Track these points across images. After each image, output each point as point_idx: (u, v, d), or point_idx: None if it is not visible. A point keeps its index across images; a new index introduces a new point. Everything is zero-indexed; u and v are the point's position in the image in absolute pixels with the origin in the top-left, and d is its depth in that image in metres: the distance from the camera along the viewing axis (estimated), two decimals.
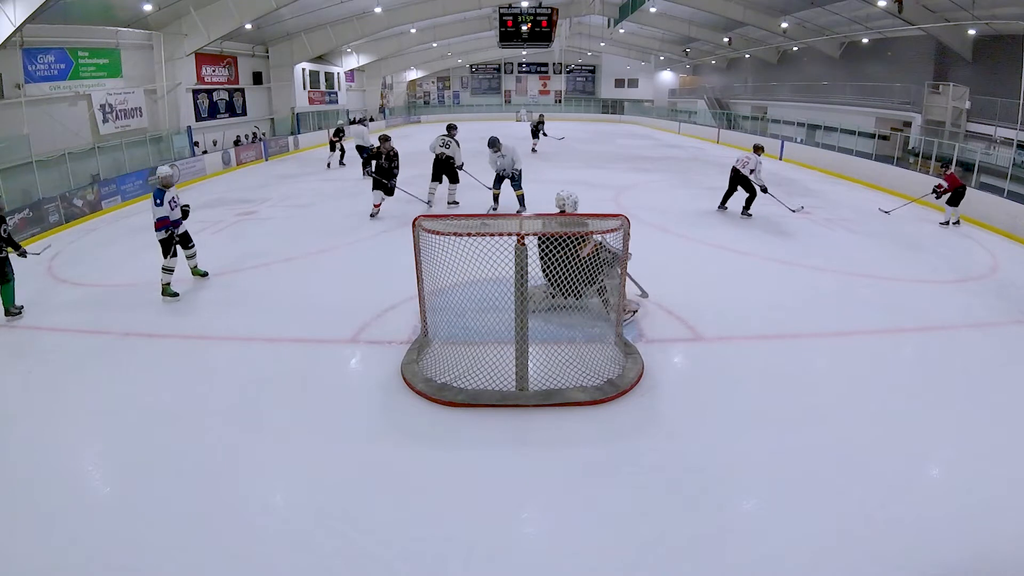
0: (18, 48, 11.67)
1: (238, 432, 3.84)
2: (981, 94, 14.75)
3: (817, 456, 3.56)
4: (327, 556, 2.81)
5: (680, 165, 16.68)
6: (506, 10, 18.67)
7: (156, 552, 2.83)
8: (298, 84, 22.51)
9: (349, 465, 3.50)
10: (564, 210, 5.63)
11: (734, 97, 28.31)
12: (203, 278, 6.73)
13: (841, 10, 17.72)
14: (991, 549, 2.87)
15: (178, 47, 15.78)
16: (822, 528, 2.98)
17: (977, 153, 12.03)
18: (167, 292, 6.16)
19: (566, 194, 5.69)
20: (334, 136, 16.54)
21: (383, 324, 5.40)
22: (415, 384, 4.24)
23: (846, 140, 16.24)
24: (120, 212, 11.08)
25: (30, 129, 11.56)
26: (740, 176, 9.44)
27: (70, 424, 3.94)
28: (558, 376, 4.24)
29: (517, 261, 3.89)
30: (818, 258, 7.59)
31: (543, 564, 2.80)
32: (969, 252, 8.25)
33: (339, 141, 16.41)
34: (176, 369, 4.72)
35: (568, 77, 40.04)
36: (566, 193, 5.69)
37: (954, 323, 5.63)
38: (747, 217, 9.56)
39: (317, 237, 8.49)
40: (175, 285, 6.17)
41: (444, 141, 9.87)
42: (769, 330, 5.36)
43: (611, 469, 3.46)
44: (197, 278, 6.69)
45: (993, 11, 13.38)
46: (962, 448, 3.71)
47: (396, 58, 31.35)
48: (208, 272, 6.81)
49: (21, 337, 5.39)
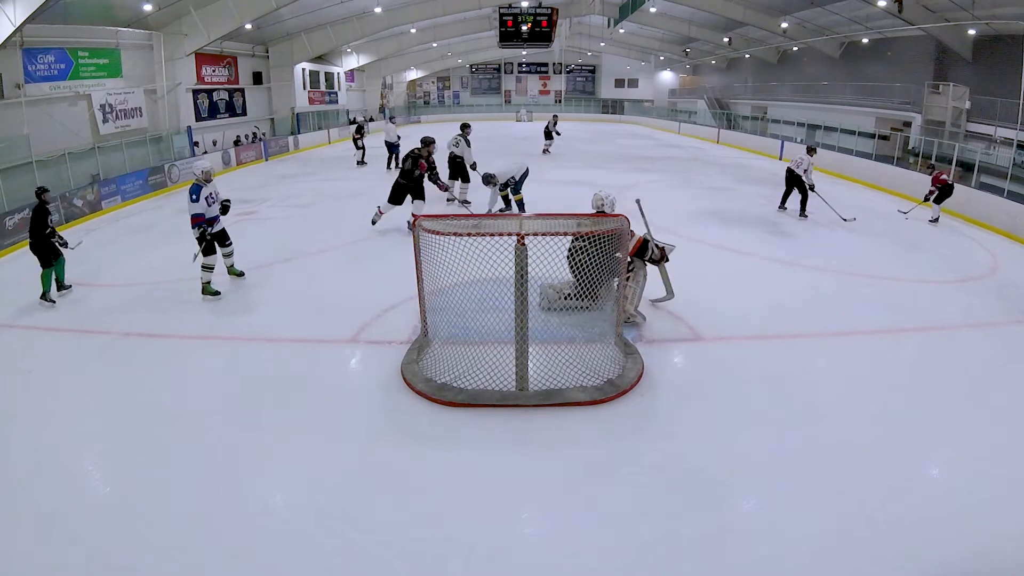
0: (18, 48, 11.67)
1: (238, 432, 3.84)
2: (981, 94, 14.74)
3: (817, 456, 3.56)
4: (327, 556, 2.81)
5: (680, 165, 16.68)
6: (506, 10, 18.68)
7: (156, 552, 2.83)
8: (298, 84, 22.51)
9: (349, 465, 3.50)
10: (603, 211, 5.38)
11: (734, 97, 28.30)
12: (239, 278, 6.63)
13: (841, 10, 17.72)
14: (991, 549, 2.87)
15: (178, 47, 15.78)
16: (822, 528, 2.98)
17: (977, 153, 12.03)
18: (208, 291, 6.07)
19: (604, 194, 5.44)
20: (356, 134, 16.77)
21: (383, 324, 5.40)
22: (415, 384, 4.24)
23: (846, 140, 16.24)
24: (120, 212, 11.07)
25: (30, 129, 11.56)
26: (795, 176, 9.66)
27: (70, 424, 3.94)
28: (558, 376, 4.24)
29: (517, 261, 3.89)
30: (818, 258, 7.59)
31: (543, 564, 2.80)
32: (969, 252, 8.24)
33: (361, 138, 16.63)
34: (176, 369, 4.72)
35: (568, 77, 40.03)
36: (604, 193, 5.45)
37: (954, 323, 5.63)
38: (804, 218, 9.65)
39: (317, 237, 8.49)
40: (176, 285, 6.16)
41: (455, 140, 10.00)
42: (769, 330, 5.36)
43: (611, 469, 3.46)
44: (233, 277, 6.60)
45: (993, 11, 13.38)
46: (962, 448, 3.71)
47: (396, 58, 31.35)
48: (244, 272, 6.71)
49: (21, 337, 5.39)
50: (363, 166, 16.03)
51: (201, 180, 6.03)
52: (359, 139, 16.58)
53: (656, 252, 5.26)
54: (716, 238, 8.38)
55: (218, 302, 6.08)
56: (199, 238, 5.99)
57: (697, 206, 10.57)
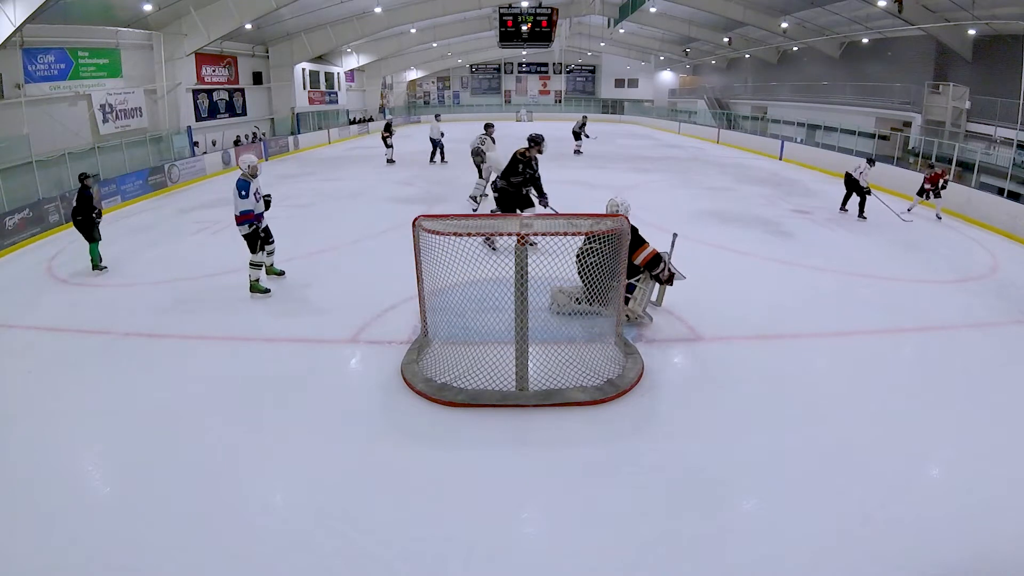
0: (18, 48, 11.67)
1: (238, 432, 3.84)
2: (981, 94, 14.75)
3: (817, 456, 3.56)
4: (327, 556, 2.81)
5: (680, 165, 16.69)
6: (506, 10, 18.68)
7: (156, 552, 2.83)
8: (298, 84, 22.51)
9: (349, 465, 3.50)
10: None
11: (734, 97, 28.30)
12: (279, 276, 6.55)
13: (841, 10, 17.72)
14: (991, 549, 2.87)
15: (178, 47, 15.78)
16: (822, 528, 2.98)
17: (977, 153, 12.03)
18: (256, 288, 5.96)
19: (620, 200, 5.44)
20: (385, 132, 17.02)
21: (383, 324, 5.40)
22: (415, 384, 4.24)
23: (846, 140, 16.25)
24: (120, 212, 11.07)
25: (30, 129, 11.56)
26: (852, 179, 10.04)
27: (70, 424, 3.94)
28: (558, 376, 4.24)
29: (517, 261, 3.89)
30: (818, 258, 7.59)
31: (543, 564, 2.80)
32: (969, 252, 8.25)
33: (390, 136, 16.85)
34: (176, 369, 4.71)
35: (568, 77, 40.04)
36: (620, 199, 5.45)
37: (954, 323, 5.62)
38: (863, 220, 9.82)
39: (317, 237, 8.49)
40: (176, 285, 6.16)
41: (481, 139, 10.51)
42: (769, 330, 5.36)
43: (611, 469, 3.46)
44: (272, 276, 6.52)
45: (993, 11, 13.38)
46: (962, 448, 3.70)
47: (396, 58, 31.34)
48: (284, 271, 6.66)
49: (21, 337, 5.39)
50: (392, 164, 16.27)
51: (248, 175, 5.84)
52: (388, 137, 16.87)
53: (665, 273, 5.27)
54: (716, 238, 8.38)
55: (217, 302, 6.07)
56: (250, 235, 5.81)
57: (697, 206, 10.57)
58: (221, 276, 6.80)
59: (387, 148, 16.71)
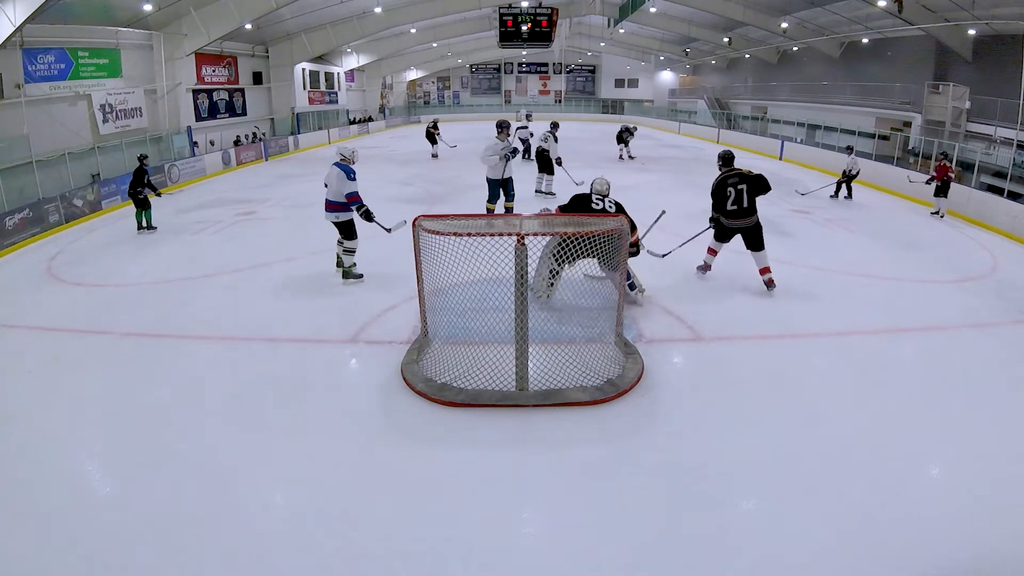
0: (18, 48, 11.68)
1: (238, 432, 3.84)
2: (981, 94, 14.74)
3: (817, 456, 3.56)
4: (327, 556, 2.81)
5: (680, 165, 16.69)
6: (506, 10, 18.68)
7: (156, 552, 2.83)
8: (298, 84, 22.52)
9: (349, 465, 3.50)
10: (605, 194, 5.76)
11: (734, 97, 28.30)
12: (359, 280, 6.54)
13: (841, 10, 17.71)
14: (991, 549, 2.87)
15: (178, 47, 15.79)
16: (822, 528, 2.98)
17: (977, 153, 12.03)
18: (350, 274, 6.09)
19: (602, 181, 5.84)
20: (432, 127, 17.66)
21: (383, 324, 5.40)
22: (415, 384, 4.24)
23: (846, 140, 16.23)
24: (120, 212, 11.06)
25: (30, 129, 11.57)
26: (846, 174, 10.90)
27: (70, 424, 3.93)
28: (558, 376, 4.24)
29: (517, 261, 3.89)
30: (818, 258, 7.58)
31: (543, 564, 2.80)
32: (969, 252, 8.24)
33: (437, 132, 17.50)
34: (176, 369, 4.71)
35: (568, 77, 40.03)
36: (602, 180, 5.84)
37: (954, 323, 5.62)
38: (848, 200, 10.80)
39: (317, 237, 8.47)
40: (176, 284, 6.15)
41: (545, 136, 11.29)
42: (769, 330, 5.36)
43: (611, 469, 3.46)
44: (338, 270, 6.61)
45: (993, 11, 13.38)
46: (962, 448, 3.70)
47: (396, 58, 31.35)
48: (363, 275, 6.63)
49: (21, 337, 5.39)
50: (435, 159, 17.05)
51: (350, 160, 6.08)
52: (435, 133, 17.57)
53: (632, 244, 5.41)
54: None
55: (217, 302, 6.08)
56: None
57: (697, 206, 10.52)
58: (221, 276, 6.81)
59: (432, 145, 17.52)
